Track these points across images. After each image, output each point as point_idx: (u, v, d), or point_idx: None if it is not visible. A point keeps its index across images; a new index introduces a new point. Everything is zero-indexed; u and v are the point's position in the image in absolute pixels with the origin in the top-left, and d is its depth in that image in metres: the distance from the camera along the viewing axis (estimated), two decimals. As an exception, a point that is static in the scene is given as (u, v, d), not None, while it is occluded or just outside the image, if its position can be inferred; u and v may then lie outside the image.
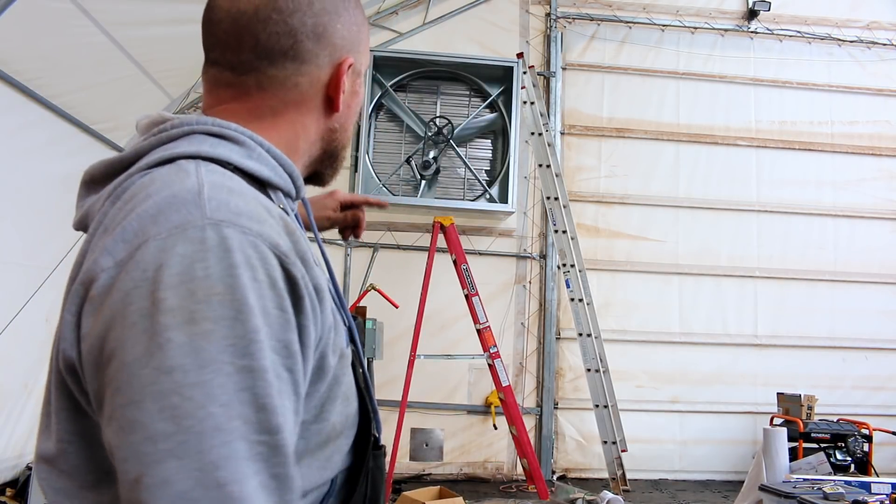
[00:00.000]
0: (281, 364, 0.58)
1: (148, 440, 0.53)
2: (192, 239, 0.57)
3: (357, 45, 0.81)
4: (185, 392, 0.53)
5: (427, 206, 4.70)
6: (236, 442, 0.54)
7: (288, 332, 0.60)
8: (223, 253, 0.57)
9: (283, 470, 0.57)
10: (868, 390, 5.21)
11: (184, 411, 0.53)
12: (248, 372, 0.55)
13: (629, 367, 5.01)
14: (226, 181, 0.64)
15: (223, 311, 0.56)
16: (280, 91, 0.76)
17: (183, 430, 0.52)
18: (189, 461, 0.52)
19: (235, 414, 0.54)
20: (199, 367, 0.54)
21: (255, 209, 0.62)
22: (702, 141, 5.34)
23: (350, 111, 0.83)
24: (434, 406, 4.90)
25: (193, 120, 0.71)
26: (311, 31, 0.75)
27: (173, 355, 0.54)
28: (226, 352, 0.55)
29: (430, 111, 4.87)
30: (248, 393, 0.55)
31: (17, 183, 3.33)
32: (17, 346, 3.40)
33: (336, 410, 0.71)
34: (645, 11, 5.38)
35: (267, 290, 0.58)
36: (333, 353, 0.69)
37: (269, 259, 0.60)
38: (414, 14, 5.21)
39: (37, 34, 3.06)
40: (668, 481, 4.96)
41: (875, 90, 5.47)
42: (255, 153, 0.71)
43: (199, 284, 0.56)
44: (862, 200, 5.38)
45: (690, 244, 5.25)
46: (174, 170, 0.65)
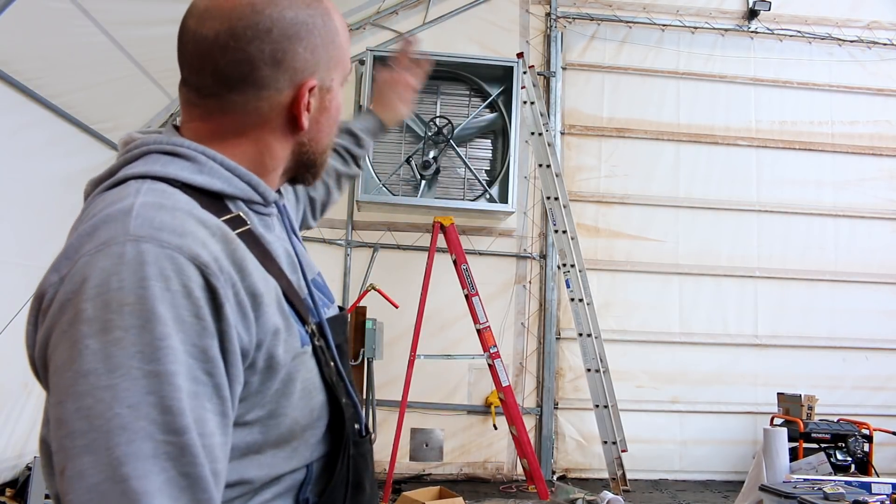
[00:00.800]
0: (199, 368, 0.63)
1: (68, 436, 0.59)
2: (112, 254, 0.63)
3: (325, 62, 0.81)
4: (97, 394, 0.59)
5: (427, 206, 4.70)
6: (141, 441, 0.59)
7: (205, 338, 0.64)
8: (137, 266, 0.62)
9: (194, 469, 0.61)
10: (868, 390, 5.20)
11: (95, 411, 0.59)
12: (155, 376, 0.60)
13: (629, 367, 5.01)
14: (161, 199, 0.69)
15: (132, 320, 0.61)
16: (240, 114, 0.79)
17: (94, 429, 0.58)
18: (100, 456, 0.58)
19: (142, 415, 0.59)
20: (109, 372, 0.59)
21: (182, 223, 0.67)
22: (702, 141, 5.33)
23: (320, 126, 0.85)
24: (434, 406, 4.90)
25: (152, 140, 0.77)
26: (269, 57, 0.76)
27: (88, 360, 0.60)
28: (134, 357, 0.60)
29: (430, 111, 4.87)
30: (155, 396, 0.60)
31: (17, 183, 3.32)
32: (16, 346, 3.38)
33: (294, 406, 0.75)
34: (645, 11, 5.38)
35: (181, 299, 0.63)
36: (286, 353, 0.73)
37: (187, 270, 0.64)
38: (414, 14, 5.21)
39: (37, 34, 3.06)
40: (668, 481, 4.95)
41: (875, 90, 5.47)
42: (206, 168, 0.76)
43: (113, 296, 0.61)
44: (862, 200, 5.38)
45: (690, 244, 5.25)
46: (121, 190, 0.71)
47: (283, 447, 0.75)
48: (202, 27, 0.76)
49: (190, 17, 0.78)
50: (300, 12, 0.78)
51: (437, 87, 4.94)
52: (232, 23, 0.75)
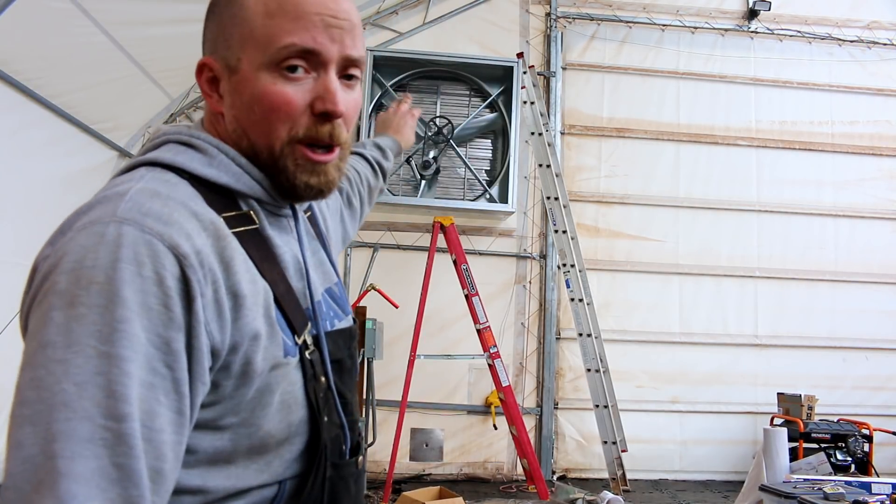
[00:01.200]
0: (158, 359, 0.61)
1: (18, 404, 0.59)
2: (94, 233, 0.63)
3: (224, 40, 0.77)
4: (50, 367, 0.58)
5: (427, 206, 4.70)
6: (80, 421, 0.57)
7: (170, 329, 0.62)
8: (113, 247, 0.62)
9: (128, 461, 0.58)
10: (868, 390, 5.20)
11: (45, 383, 0.58)
12: (107, 358, 0.59)
13: (629, 367, 5.01)
14: (159, 186, 0.69)
15: (98, 299, 0.60)
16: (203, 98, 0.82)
17: (40, 400, 0.57)
18: (39, 429, 0.56)
19: (87, 395, 0.57)
20: (66, 347, 0.59)
21: (170, 213, 0.66)
22: (702, 141, 5.33)
23: (237, 111, 0.76)
24: (434, 406, 4.90)
25: (173, 130, 0.77)
26: (207, 35, 0.81)
27: (50, 332, 0.59)
28: (91, 336, 0.59)
29: (430, 111, 4.87)
30: (103, 378, 0.58)
31: (17, 183, 3.32)
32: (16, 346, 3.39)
33: (270, 418, 0.72)
34: (645, 11, 5.38)
35: (152, 286, 0.62)
36: (264, 360, 0.70)
37: (163, 258, 0.63)
38: (414, 14, 5.21)
39: (37, 34, 3.06)
40: (668, 481, 4.95)
41: (875, 90, 5.47)
42: (216, 161, 0.75)
43: (85, 273, 0.61)
44: (862, 200, 5.38)
45: (690, 244, 5.25)
46: (129, 175, 0.72)
47: (255, 459, 0.72)
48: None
49: None
50: None
51: (437, 87, 4.94)
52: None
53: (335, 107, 0.75)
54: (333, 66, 0.76)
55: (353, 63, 0.78)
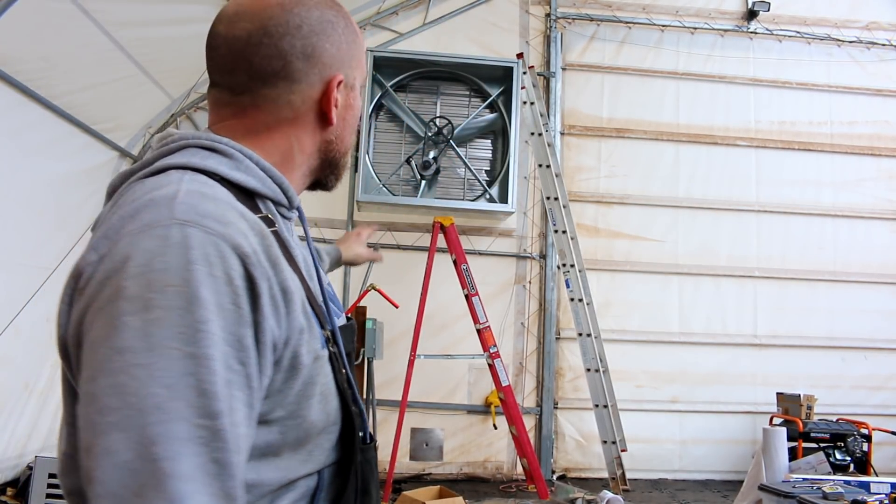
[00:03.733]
0: (233, 356, 0.63)
1: (99, 412, 0.58)
2: (157, 236, 0.63)
3: (349, 60, 0.86)
4: (133, 371, 0.58)
5: (427, 206, 4.70)
6: (175, 422, 0.58)
7: (242, 326, 0.64)
8: (183, 249, 0.63)
9: (224, 455, 0.60)
10: (867, 390, 5.21)
11: (129, 389, 0.58)
12: (193, 358, 0.60)
13: (629, 366, 5.02)
14: (203, 188, 0.70)
15: (176, 301, 0.61)
16: (273, 108, 0.82)
17: (127, 406, 0.57)
18: (131, 434, 0.57)
19: (178, 395, 0.58)
20: (148, 350, 0.59)
21: (224, 213, 0.68)
22: (701, 141, 5.34)
23: (346, 123, 0.88)
24: (434, 406, 4.91)
25: (191, 135, 0.78)
26: (300, 52, 0.81)
27: (126, 337, 0.59)
28: (174, 338, 0.60)
29: (430, 111, 4.88)
30: (193, 378, 0.59)
31: (19, 183, 3.33)
32: (18, 346, 3.41)
33: (314, 408, 0.75)
34: (644, 12, 5.39)
35: (223, 285, 0.63)
36: (308, 353, 0.73)
37: (229, 258, 0.65)
38: (414, 14, 5.22)
39: (37, 35, 3.07)
40: (667, 481, 4.96)
41: (874, 90, 5.48)
42: (243, 165, 0.78)
43: (157, 276, 0.61)
44: (861, 200, 5.39)
45: (690, 244, 5.25)
46: (162, 178, 0.72)
47: (298, 450, 0.75)
48: (234, 29, 0.80)
49: (219, 23, 0.82)
50: (325, 12, 0.84)
51: (437, 87, 4.95)
52: (264, 21, 0.80)
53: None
54: None
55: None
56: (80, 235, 3.68)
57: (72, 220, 3.72)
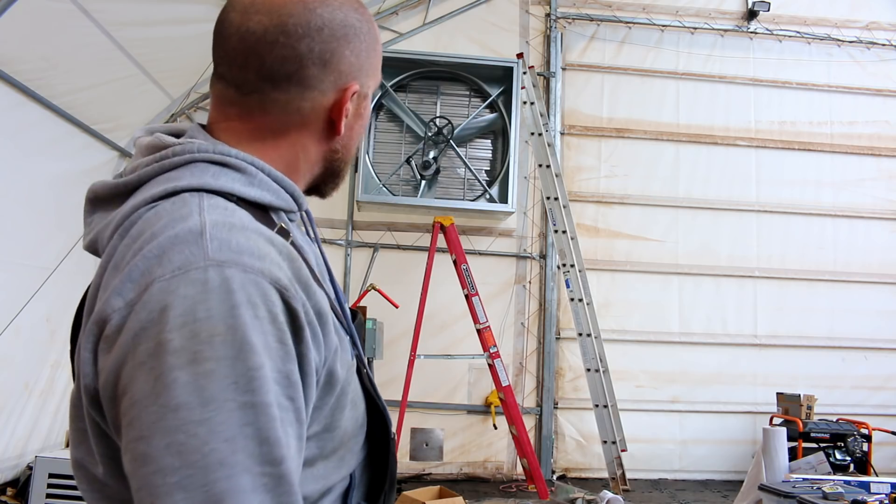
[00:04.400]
0: (283, 394, 0.61)
1: (157, 473, 0.56)
2: (195, 280, 0.60)
3: (366, 69, 0.80)
4: (190, 429, 0.56)
5: (427, 206, 4.71)
6: (240, 475, 0.56)
7: (288, 363, 0.62)
8: (225, 294, 0.60)
9: (290, 499, 0.59)
10: (867, 390, 5.21)
11: (189, 447, 0.56)
12: (251, 408, 0.58)
13: (629, 366, 5.02)
14: (227, 217, 0.66)
15: (225, 350, 0.58)
16: (282, 114, 0.76)
17: (189, 465, 0.55)
18: (195, 493, 0.55)
19: (239, 448, 0.57)
20: (203, 405, 0.57)
21: (257, 244, 0.64)
22: (701, 141, 5.34)
23: (353, 133, 0.83)
24: (434, 406, 4.91)
25: (195, 147, 0.72)
26: (317, 57, 0.75)
27: (178, 394, 0.57)
28: (228, 389, 0.57)
29: (430, 111, 4.88)
30: (252, 427, 0.58)
31: (18, 183, 3.33)
32: (18, 346, 3.41)
33: (346, 417, 0.74)
34: (644, 12, 5.39)
35: (268, 325, 0.61)
36: (342, 367, 0.72)
37: (270, 295, 0.62)
38: (414, 14, 5.22)
39: (38, 35, 3.07)
40: (667, 481, 4.96)
41: (874, 90, 5.48)
42: (257, 180, 0.73)
43: (202, 325, 0.58)
44: (861, 200, 5.39)
45: (690, 244, 5.25)
46: (178, 205, 0.67)
47: (331, 458, 0.74)
48: (249, 21, 0.73)
49: (232, 10, 0.75)
50: (350, 15, 0.77)
51: (437, 87, 4.95)
52: (283, 19, 0.73)
53: None
54: None
55: None
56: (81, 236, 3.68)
57: (72, 221, 3.72)
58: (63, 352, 3.91)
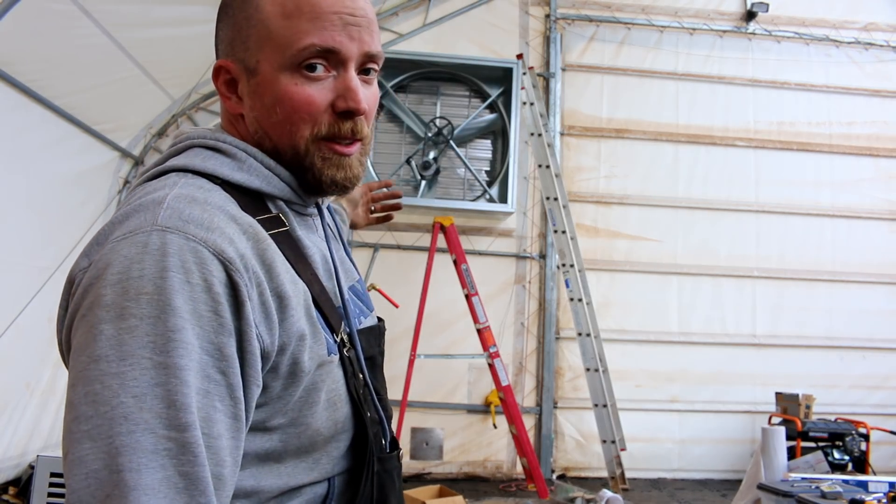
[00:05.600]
0: (213, 366, 0.61)
1: (74, 420, 0.58)
2: (137, 242, 0.62)
3: (241, 42, 0.75)
4: (106, 380, 0.58)
5: (427, 206, 4.72)
6: (142, 433, 0.57)
7: (222, 335, 0.62)
8: (160, 256, 0.61)
9: (193, 469, 0.58)
10: (866, 389, 5.23)
11: (101, 398, 0.57)
12: (164, 368, 0.58)
13: (628, 366, 5.03)
14: (194, 192, 0.68)
15: (149, 309, 0.59)
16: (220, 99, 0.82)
17: (99, 415, 0.57)
18: (100, 443, 0.56)
19: (146, 406, 0.57)
20: (120, 359, 0.58)
21: (210, 218, 0.65)
22: (700, 141, 5.35)
23: (260, 113, 0.76)
24: (434, 405, 4.92)
25: (197, 133, 0.77)
26: (220, 39, 0.80)
27: (101, 346, 0.59)
28: (146, 347, 0.59)
29: (430, 112, 4.89)
30: (162, 388, 0.58)
31: (20, 183, 3.34)
32: (19, 346, 3.41)
33: (318, 416, 0.73)
34: (644, 13, 5.40)
35: (201, 293, 0.61)
36: (311, 359, 0.71)
37: (209, 264, 0.62)
38: (414, 15, 5.23)
39: (39, 36, 3.08)
40: (666, 480, 4.97)
41: (873, 91, 5.49)
42: (246, 165, 0.75)
43: (133, 284, 0.60)
44: (860, 201, 5.40)
45: (689, 244, 5.27)
46: (160, 181, 0.71)
47: (303, 458, 0.73)
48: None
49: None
50: None
51: (437, 88, 4.96)
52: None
53: (358, 105, 0.75)
54: (353, 64, 0.76)
55: (372, 58, 0.78)
56: (81, 236, 3.68)
57: (72, 221, 3.73)
58: (64, 352, 3.91)
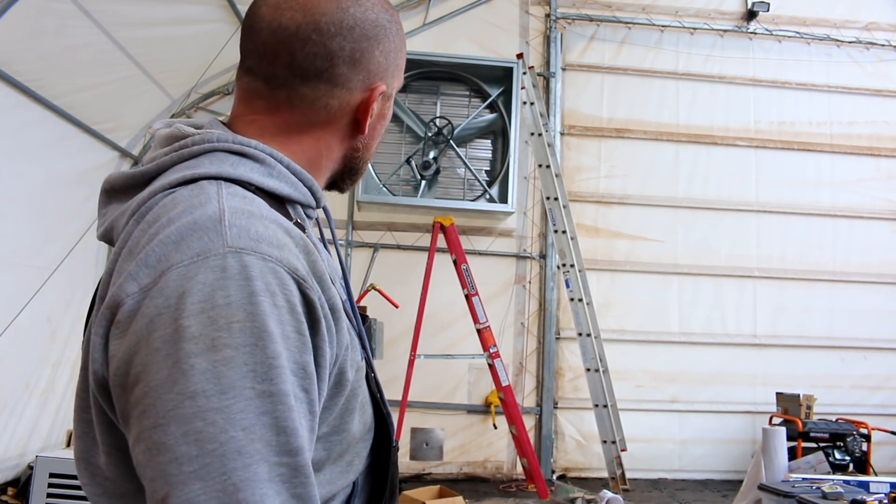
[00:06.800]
0: (298, 385, 0.60)
1: (173, 462, 0.55)
2: (214, 267, 0.59)
3: (392, 70, 0.81)
4: (208, 417, 0.55)
5: (427, 206, 4.71)
6: (257, 465, 0.56)
7: (304, 354, 0.61)
8: (243, 281, 0.59)
9: (305, 490, 0.58)
10: (867, 390, 5.22)
11: (207, 435, 0.55)
12: (269, 396, 0.57)
13: (629, 366, 5.03)
14: (246, 205, 0.65)
15: (243, 337, 0.57)
16: (309, 110, 0.77)
17: (206, 454, 0.55)
18: (212, 483, 0.54)
19: (257, 437, 0.56)
20: (221, 393, 0.56)
21: (275, 234, 0.64)
22: (701, 141, 5.35)
23: (375, 132, 0.84)
24: (434, 406, 4.91)
25: (215, 137, 0.72)
26: (348, 55, 0.75)
27: (196, 381, 0.56)
28: (246, 377, 0.57)
29: (430, 111, 4.88)
30: (269, 417, 0.57)
31: (19, 183, 3.33)
32: (18, 346, 3.41)
33: (355, 420, 0.73)
34: (644, 12, 5.40)
35: (286, 314, 0.60)
36: (351, 367, 0.71)
37: (288, 284, 0.61)
38: (414, 15, 5.22)
39: (38, 35, 3.08)
40: (667, 480, 4.97)
41: (874, 91, 5.48)
42: (276, 171, 0.73)
43: (220, 312, 0.58)
44: (860, 201, 5.39)
45: (690, 244, 5.26)
46: (196, 192, 0.66)
47: (338, 462, 0.73)
48: (282, 17, 0.74)
49: (264, 4, 0.76)
50: (381, 16, 0.78)
51: (436, 87, 4.95)
52: (316, 17, 0.74)
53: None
54: None
55: None
56: (81, 235, 3.68)
57: (72, 221, 3.73)
58: (63, 351, 3.91)
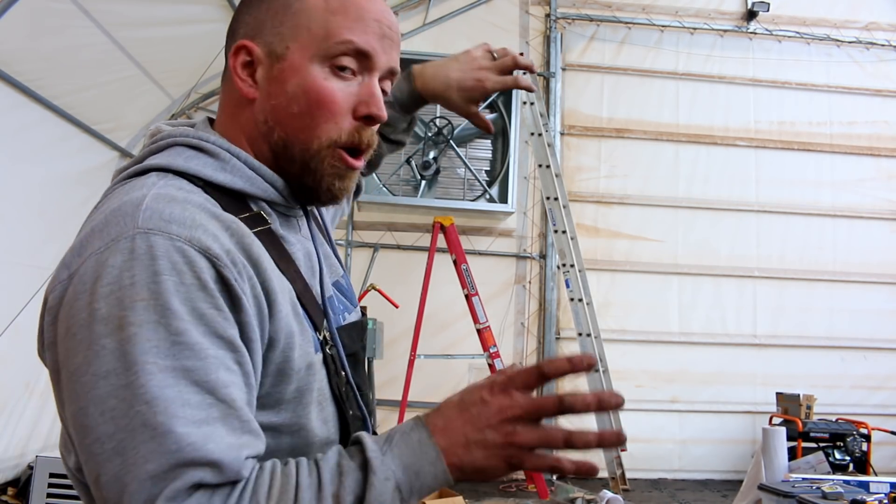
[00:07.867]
0: (230, 359, 0.62)
1: (96, 442, 0.58)
2: (123, 249, 0.61)
3: (272, 27, 0.74)
4: (119, 394, 0.57)
5: (427, 206, 4.71)
6: (163, 435, 0.57)
7: (228, 328, 0.62)
8: (149, 260, 0.60)
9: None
10: (867, 390, 5.22)
11: (119, 412, 0.57)
12: (171, 371, 0.58)
13: (629, 366, 5.02)
14: (173, 192, 0.66)
15: (147, 315, 0.59)
16: (225, 87, 0.79)
17: (120, 430, 0.57)
18: (128, 456, 0.57)
19: (160, 410, 0.57)
20: (126, 370, 0.58)
21: (191, 215, 0.64)
22: (701, 141, 5.35)
23: (275, 100, 0.74)
24: (434, 406, 4.89)
25: (179, 132, 0.74)
26: (237, 22, 0.78)
27: (106, 361, 0.58)
28: (149, 353, 0.58)
29: (430, 111, 4.87)
30: (171, 390, 0.58)
31: (19, 183, 3.33)
32: (18, 346, 3.41)
33: (312, 416, 0.72)
34: (644, 12, 5.40)
35: (197, 292, 0.61)
36: (300, 357, 0.70)
37: (198, 262, 0.62)
38: (414, 15, 5.22)
39: (38, 35, 3.07)
40: (667, 481, 4.97)
41: (874, 91, 5.48)
42: (229, 165, 0.73)
43: (126, 292, 0.59)
44: (860, 201, 5.39)
45: (690, 244, 5.26)
46: (139, 182, 0.69)
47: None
48: None
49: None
50: None
51: (437, 87, 4.94)
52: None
53: (380, 112, 0.76)
54: (378, 73, 0.77)
55: (392, 75, 0.81)
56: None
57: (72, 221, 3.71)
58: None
